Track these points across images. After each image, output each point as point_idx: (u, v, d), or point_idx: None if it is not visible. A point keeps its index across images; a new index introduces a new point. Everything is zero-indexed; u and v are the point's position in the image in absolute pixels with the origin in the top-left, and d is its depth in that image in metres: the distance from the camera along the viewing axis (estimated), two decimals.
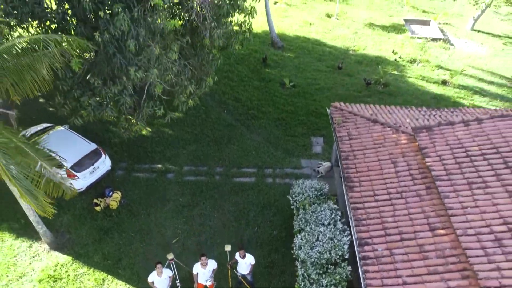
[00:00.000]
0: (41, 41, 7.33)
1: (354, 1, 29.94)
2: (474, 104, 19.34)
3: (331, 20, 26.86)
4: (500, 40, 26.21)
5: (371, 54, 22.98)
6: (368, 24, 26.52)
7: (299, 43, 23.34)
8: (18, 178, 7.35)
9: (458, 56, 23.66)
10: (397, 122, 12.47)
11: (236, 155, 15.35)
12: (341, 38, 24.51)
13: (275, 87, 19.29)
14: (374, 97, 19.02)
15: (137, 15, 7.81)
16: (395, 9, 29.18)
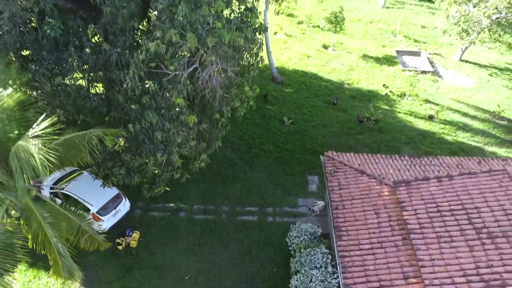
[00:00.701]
0: (86, 136, 9.18)
1: (350, 30, 31.73)
2: (457, 139, 21.17)
3: (327, 52, 28.67)
4: (487, 71, 27.98)
5: (364, 88, 24.78)
6: (362, 55, 28.33)
7: (297, 78, 25.16)
8: (64, 255, 9.12)
9: (445, 89, 25.45)
10: (381, 173, 14.29)
11: (240, 193, 17.19)
12: (337, 71, 26.32)
13: (275, 124, 21.12)
14: (365, 134, 20.85)
15: (163, 111, 9.65)
16: (388, 39, 30.97)
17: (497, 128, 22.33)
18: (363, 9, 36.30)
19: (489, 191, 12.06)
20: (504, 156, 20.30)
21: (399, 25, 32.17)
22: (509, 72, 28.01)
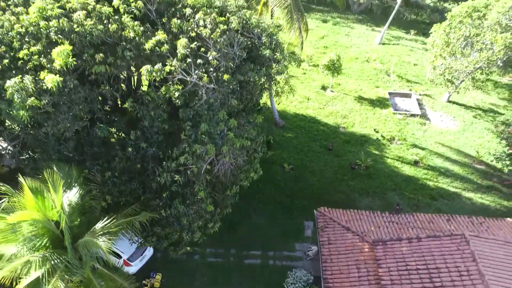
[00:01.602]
0: (132, 221, 12.12)
1: (347, 70, 34.48)
2: (438, 185, 23.89)
3: (326, 93, 31.49)
4: (472, 112, 30.63)
5: (358, 133, 27.55)
6: (357, 97, 31.10)
7: (297, 122, 27.99)
8: None
9: (432, 132, 28.15)
10: (364, 230, 17.11)
11: (246, 237, 20.07)
12: (333, 114, 29.11)
13: (277, 170, 23.98)
14: (356, 180, 23.66)
15: (188, 201, 12.54)
16: (382, 79, 33.68)
17: (475, 173, 25.00)
18: (361, 46, 39.02)
19: (448, 254, 14.82)
20: (479, 202, 23.05)
21: (393, 66, 34.84)
22: (492, 113, 30.65)
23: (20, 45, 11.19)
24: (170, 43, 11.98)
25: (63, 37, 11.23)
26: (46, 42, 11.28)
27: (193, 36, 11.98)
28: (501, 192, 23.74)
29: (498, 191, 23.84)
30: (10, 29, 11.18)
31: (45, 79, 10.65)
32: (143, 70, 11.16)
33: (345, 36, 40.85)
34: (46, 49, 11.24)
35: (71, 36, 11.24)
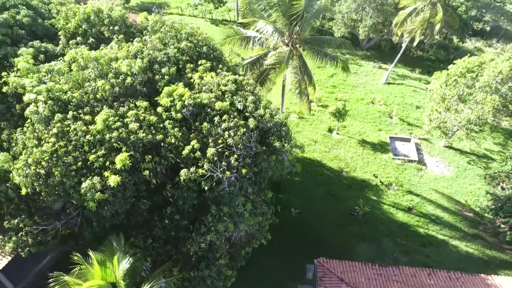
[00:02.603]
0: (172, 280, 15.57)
1: (352, 112, 37.51)
2: (428, 232, 26.80)
3: (332, 136, 34.59)
4: (467, 158, 33.34)
5: (359, 177, 30.61)
6: (361, 141, 34.13)
7: (305, 166, 31.16)
8: None
9: (427, 178, 31.00)
10: (356, 282, 20.25)
11: (255, 279, 23.34)
12: (338, 158, 32.22)
13: (285, 214, 27.19)
14: (355, 225, 26.76)
15: (212, 266, 15.96)
16: (385, 122, 36.58)
17: (463, 221, 27.81)
18: (367, 85, 41.97)
19: None
20: (464, 250, 25.88)
21: (396, 109, 37.71)
22: (486, 159, 33.30)
23: (89, 149, 14.76)
24: (201, 146, 15.40)
25: (122, 144, 14.76)
26: (108, 147, 14.81)
27: (219, 143, 15.38)
28: (485, 241, 26.50)
29: (483, 239, 26.61)
30: (82, 137, 14.75)
31: (109, 178, 14.18)
32: (182, 173, 14.61)
33: (353, 74, 43.78)
34: (109, 152, 14.78)
35: (127, 143, 14.77)
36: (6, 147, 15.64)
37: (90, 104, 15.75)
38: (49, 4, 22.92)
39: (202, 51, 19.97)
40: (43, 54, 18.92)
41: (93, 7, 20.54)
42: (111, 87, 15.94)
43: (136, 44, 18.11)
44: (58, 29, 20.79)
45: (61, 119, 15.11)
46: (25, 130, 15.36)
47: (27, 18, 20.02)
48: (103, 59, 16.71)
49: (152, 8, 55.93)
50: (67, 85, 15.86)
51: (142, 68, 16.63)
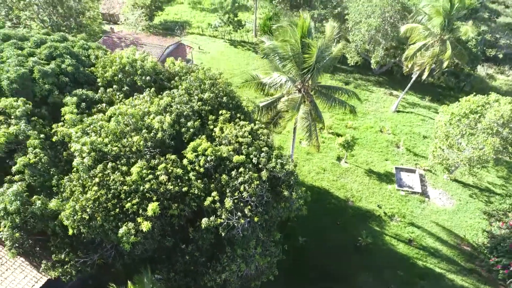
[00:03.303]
0: None
1: (361, 140, 39.43)
2: (426, 265, 28.63)
3: (340, 165, 36.61)
4: (469, 191, 34.89)
5: (364, 208, 32.58)
6: (367, 170, 36.05)
7: (313, 195, 33.23)
8: None
9: (429, 211, 32.75)
10: None
11: None
12: (345, 187, 34.25)
13: (292, 243, 29.42)
14: (357, 256, 28.79)
15: None
16: (392, 152, 38.39)
17: (460, 255, 29.51)
18: (377, 113, 43.78)
19: None
20: (459, 284, 27.63)
21: (403, 140, 39.46)
22: (488, 193, 34.79)
23: (125, 197, 17.34)
24: (220, 195, 17.83)
25: (153, 193, 17.30)
26: (141, 195, 17.37)
27: (235, 196, 17.78)
28: (481, 276, 28.18)
29: (478, 274, 28.29)
30: (120, 186, 17.34)
31: (141, 224, 16.74)
32: (203, 222, 17.07)
33: (364, 101, 45.67)
34: (142, 200, 17.33)
35: (157, 193, 17.31)
36: (55, 191, 18.36)
37: (126, 156, 18.36)
38: (88, 49, 25.70)
39: (222, 101, 22.38)
40: (84, 102, 21.67)
41: (128, 57, 23.24)
42: (145, 141, 18.53)
43: (165, 98, 20.66)
44: (97, 76, 23.56)
45: (102, 170, 17.77)
46: (72, 177, 18.07)
47: (70, 67, 22.82)
48: (138, 114, 19.31)
49: (174, 27, 58.84)
50: (107, 138, 18.51)
51: (170, 124, 19.16)
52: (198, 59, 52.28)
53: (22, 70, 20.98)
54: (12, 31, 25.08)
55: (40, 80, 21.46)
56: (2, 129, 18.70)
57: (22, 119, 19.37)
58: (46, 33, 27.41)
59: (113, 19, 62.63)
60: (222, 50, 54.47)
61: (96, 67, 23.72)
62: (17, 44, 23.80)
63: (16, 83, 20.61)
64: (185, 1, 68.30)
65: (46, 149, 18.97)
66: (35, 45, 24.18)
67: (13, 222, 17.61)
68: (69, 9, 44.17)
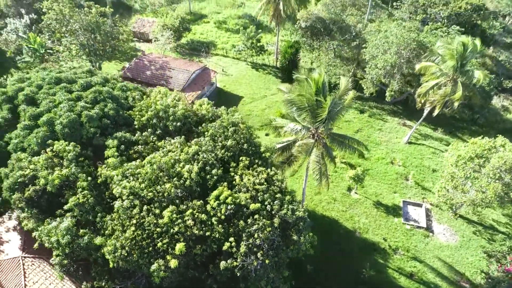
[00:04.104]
0: None
1: (373, 171, 41.54)
2: None
3: (351, 195, 38.90)
4: (473, 227, 36.59)
5: (370, 239, 34.82)
6: (376, 202, 38.21)
7: (323, 224, 35.73)
8: None
9: (432, 246, 34.68)
10: None
11: None
12: (353, 218, 36.54)
13: (302, 271, 31.99)
14: (361, 286, 31.13)
15: None
16: (400, 185, 40.35)
17: None
18: (389, 143, 45.74)
19: None
20: None
21: (412, 173, 41.37)
22: (491, 231, 36.40)
23: (157, 237, 20.41)
24: (237, 238, 20.67)
25: (181, 235, 20.31)
26: (170, 236, 20.40)
27: (250, 241, 20.59)
28: None
29: None
30: (153, 227, 20.42)
31: (170, 261, 19.77)
32: (221, 264, 19.95)
33: (377, 130, 47.73)
34: (171, 240, 20.37)
35: (184, 235, 20.31)
36: (99, 227, 21.63)
37: (159, 200, 21.46)
38: (126, 91, 29.04)
39: (243, 147, 25.22)
40: (123, 144, 24.92)
41: (161, 104, 26.38)
42: (175, 188, 21.58)
43: (193, 147, 23.66)
44: (134, 119, 26.82)
45: (139, 212, 20.91)
46: (113, 217, 21.31)
47: (112, 111, 26.16)
48: (170, 162, 22.38)
49: (200, 48, 62.17)
50: (144, 184, 21.65)
51: (197, 173, 22.15)
52: (221, 81, 55.42)
53: (72, 116, 24.41)
54: (62, 74, 28.68)
55: (86, 124, 24.85)
56: (56, 171, 22.11)
57: (72, 162, 22.75)
58: (89, 71, 31.02)
59: (143, 37, 66.55)
60: (244, 73, 57.45)
61: (133, 110, 26.99)
62: (66, 88, 27.36)
63: (67, 128, 24.04)
64: (211, 20, 71.61)
65: (91, 189, 22.27)
66: (81, 88, 27.67)
67: (63, 252, 20.98)
68: (106, 35, 48.03)
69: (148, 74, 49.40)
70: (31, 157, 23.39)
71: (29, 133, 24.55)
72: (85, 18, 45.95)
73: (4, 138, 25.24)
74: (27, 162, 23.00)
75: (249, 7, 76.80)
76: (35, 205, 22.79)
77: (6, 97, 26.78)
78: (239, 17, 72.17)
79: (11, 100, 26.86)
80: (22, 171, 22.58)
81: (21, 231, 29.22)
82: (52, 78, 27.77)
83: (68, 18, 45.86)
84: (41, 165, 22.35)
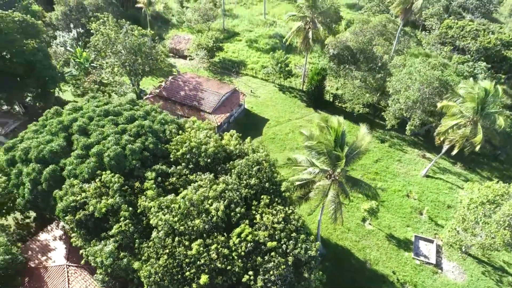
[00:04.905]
0: None
1: (388, 203, 43.32)
2: None
3: (365, 226, 40.93)
4: (483, 267, 37.85)
5: (380, 271, 36.83)
6: (388, 235, 40.09)
7: (337, 253, 37.99)
8: None
9: (440, 283, 36.29)
10: None
11: None
12: (365, 249, 38.61)
13: None
14: None
15: None
16: (414, 219, 41.98)
17: None
18: (407, 176, 47.27)
19: None
20: None
21: (427, 208, 42.88)
22: (500, 272, 37.57)
23: (186, 266, 23.60)
24: (254, 272, 23.56)
25: (205, 267, 23.42)
26: (197, 267, 23.54)
27: (266, 277, 23.39)
28: None
29: None
30: (183, 258, 23.63)
31: None
32: None
33: (396, 161, 49.34)
34: (197, 270, 23.51)
35: (209, 267, 23.40)
36: (136, 252, 25.09)
37: (189, 233, 24.67)
38: (165, 124, 32.48)
39: (265, 186, 28.06)
40: (160, 176, 28.31)
41: (195, 141, 29.59)
42: (203, 223, 24.71)
43: (221, 185, 26.71)
44: (170, 152, 30.18)
45: (171, 242, 24.18)
46: (149, 244, 24.70)
47: (152, 145, 29.64)
48: (200, 199, 25.53)
49: (231, 68, 65.49)
50: (177, 217, 24.92)
51: (223, 211, 25.20)
52: (249, 102, 58.50)
53: (118, 149, 28.03)
54: (110, 107, 32.45)
55: (129, 157, 28.41)
56: (103, 200, 25.74)
57: (117, 192, 26.33)
58: (132, 100, 34.77)
59: (179, 53, 70.64)
60: (271, 95, 60.29)
61: (170, 144, 30.36)
62: (113, 120, 31.11)
63: (113, 160, 27.68)
64: (243, 39, 74.82)
65: (132, 218, 25.77)
66: (126, 120, 31.34)
67: (106, 271, 24.57)
68: (146, 57, 52.14)
69: (182, 95, 53.11)
70: (82, 184, 27.17)
71: (81, 161, 28.39)
72: (128, 41, 50.14)
73: (60, 163, 29.20)
74: (79, 189, 26.79)
75: (280, 26, 79.46)
76: (83, 226, 26.53)
77: (62, 126, 30.79)
78: (270, 36, 74.94)
79: (66, 129, 30.87)
80: (75, 197, 26.38)
81: (66, 240, 33.41)
82: (102, 111, 31.61)
83: (113, 41, 50.19)
84: (91, 194, 26.06)
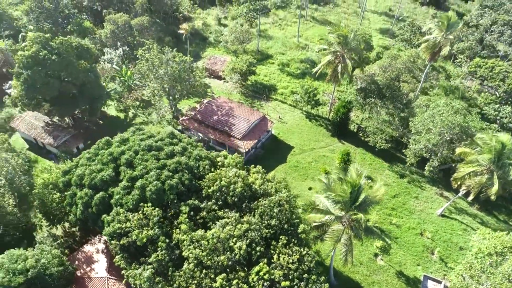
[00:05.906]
0: None
1: (401, 240, 45.58)
2: None
3: (376, 260, 43.52)
4: None
5: None
6: (398, 272, 42.48)
7: (348, 285, 40.87)
8: None
9: None
10: None
11: None
12: (374, 285, 41.27)
13: None
14: None
15: None
16: (425, 258, 44.03)
17: None
18: (422, 214, 49.22)
19: None
20: None
21: (439, 249, 44.83)
22: None
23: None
24: None
25: None
26: None
27: None
28: None
29: None
30: None
31: None
32: None
33: (414, 198, 51.35)
34: None
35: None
36: (169, 279, 29.32)
37: (215, 267, 28.62)
38: (199, 160, 36.65)
39: (284, 227, 31.59)
40: (193, 210, 32.46)
41: (225, 181, 33.52)
42: (228, 260, 28.58)
43: (245, 225, 30.48)
44: (202, 187, 34.28)
45: (199, 274, 28.21)
46: (180, 274, 28.86)
47: (187, 181, 33.85)
48: (226, 238, 29.42)
49: (262, 92, 69.16)
50: (205, 252, 28.93)
51: (245, 249, 28.96)
52: (276, 128, 62.03)
53: (159, 185, 32.43)
54: (153, 142, 36.99)
55: (168, 191, 32.75)
56: (144, 231, 30.18)
57: (156, 224, 30.70)
58: (171, 133, 39.20)
59: (214, 73, 75.16)
60: (298, 122, 63.52)
61: (203, 181, 34.46)
62: (155, 155, 35.61)
63: (154, 194, 32.10)
64: (276, 62, 78.32)
65: (167, 248, 30.04)
66: (166, 156, 35.76)
67: None
68: (184, 83, 56.82)
69: (214, 119, 57.42)
70: (127, 213, 31.76)
71: (127, 192, 33.03)
72: (170, 69, 54.96)
73: (108, 190, 34.00)
74: (124, 217, 31.39)
75: (312, 49, 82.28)
76: (125, 250, 31.10)
77: (112, 158, 35.64)
78: (301, 60, 78.03)
79: (115, 160, 35.68)
80: (120, 224, 30.99)
81: (107, 254, 38.32)
82: (146, 146, 36.19)
83: (157, 68, 55.20)
84: (134, 224, 30.58)
